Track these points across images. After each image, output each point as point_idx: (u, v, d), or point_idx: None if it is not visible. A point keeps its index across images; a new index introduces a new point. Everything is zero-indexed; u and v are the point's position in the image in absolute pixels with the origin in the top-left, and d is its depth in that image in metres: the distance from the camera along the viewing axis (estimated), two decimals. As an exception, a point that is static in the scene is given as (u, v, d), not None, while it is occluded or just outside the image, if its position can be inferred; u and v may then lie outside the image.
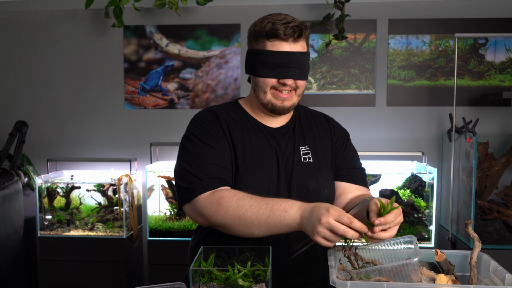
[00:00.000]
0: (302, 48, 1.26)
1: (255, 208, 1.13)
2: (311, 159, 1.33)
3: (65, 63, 2.97)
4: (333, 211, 1.00)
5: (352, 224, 0.98)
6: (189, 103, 2.91)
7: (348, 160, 1.40)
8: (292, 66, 1.24)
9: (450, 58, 2.77)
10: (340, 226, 0.98)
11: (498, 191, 2.55)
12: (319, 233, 1.01)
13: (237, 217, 1.14)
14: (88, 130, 2.98)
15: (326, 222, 0.99)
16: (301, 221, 1.07)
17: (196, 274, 0.99)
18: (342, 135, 1.44)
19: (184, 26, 2.88)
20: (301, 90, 1.31)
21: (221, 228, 1.21)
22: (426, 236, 2.52)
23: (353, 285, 0.90)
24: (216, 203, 1.17)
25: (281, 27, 1.22)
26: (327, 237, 1.00)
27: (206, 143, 1.27)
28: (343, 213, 1.00)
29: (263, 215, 1.12)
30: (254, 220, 1.12)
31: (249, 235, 1.16)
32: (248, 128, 1.33)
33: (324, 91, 2.84)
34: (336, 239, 1.01)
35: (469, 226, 1.07)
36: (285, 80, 1.25)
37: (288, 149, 1.33)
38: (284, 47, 1.23)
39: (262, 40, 1.25)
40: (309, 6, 2.81)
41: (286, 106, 1.29)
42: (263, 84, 1.27)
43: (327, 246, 1.02)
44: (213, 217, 1.18)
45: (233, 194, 1.18)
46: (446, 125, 2.76)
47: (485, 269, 1.06)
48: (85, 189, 2.75)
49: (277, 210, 1.11)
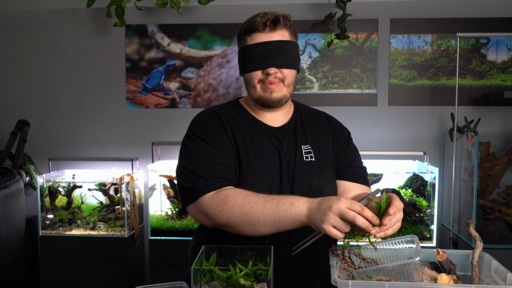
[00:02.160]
0: (281, 36, 1.27)
1: (260, 204, 1.12)
2: (313, 158, 1.33)
3: (67, 62, 2.97)
4: (344, 199, 1.01)
5: (363, 212, 0.99)
6: (191, 102, 2.91)
7: (349, 159, 1.40)
8: (273, 54, 1.25)
9: (452, 57, 2.76)
10: (350, 212, 0.99)
11: (500, 191, 2.55)
12: (329, 221, 1.00)
13: (243, 214, 1.13)
14: (89, 129, 2.99)
15: (337, 208, 0.99)
16: (308, 213, 1.06)
17: (197, 274, 0.99)
18: (344, 134, 1.44)
19: (186, 26, 2.88)
20: (290, 81, 1.30)
21: (226, 228, 1.20)
22: (427, 236, 2.52)
23: (354, 285, 0.90)
24: (221, 202, 1.16)
25: (258, 19, 1.26)
26: (336, 226, 1.00)
27: (209, 143, 1.26)
28: (354, 202, 1.00)
29: (269, 210, 1.11)
30: (260, 216, 1.12)
31: (255, 233, 1.15)
32: (250, 127, 1.33)
33: (326, 90, 2.84)
34: (346, 228, 1.01)
35: (470, 225, 1.07)
36: (268, 70, 1.25)
37: (290, 148, 1.33)
38: (262, 38, 1.26)
39: (243, 37, 1.29)
40: (311, 6, 2.81)
41: (275, 97, 1.28)
42: (250, 79, 1.29)
43: (336, 236, 1.01)
44: (218, 216, 1.17)
45: (238, 192, 1.17)
46: (447, 125, 2.76)
47: (486, 269, 1.06)
48: (86, 188, 2.75)
49: (283, 204, 1.10)
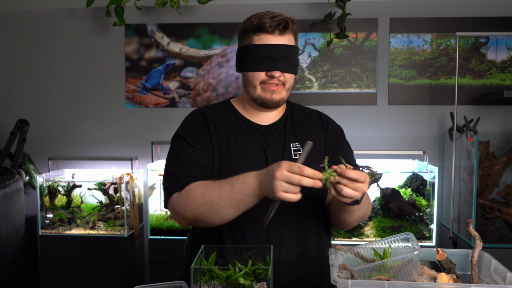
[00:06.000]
0: (289, 41, 1.28)
1: (217, 189, 1.16)
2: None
3: (66, 61, 2.97)
4: (284, 164, 1.03)
5: (303, 172, 1.01)
6: (191, 101, 2.91)
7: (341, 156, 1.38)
8: (279, 58, 1.25)
9: (452, 57, 2.76)
10: (294, 176, 1.01)
11: (499, 190, 2.55)
12: (278, 188, 1.03)
13: (204, 203, 1.17)
14: (89, 128, 2.99)
15: (280, 175, 1.02)
16: (259, 186, 1.09)
17: (197, 273, 0.99)
18: (336, 132, 1.43)
19: (185, 25, 2.87)
20: (290, 85, 1.32)
21: (196, 222, 1.23)
22: (427, 235, 2.52)
23: (354, 284, 0.90)
24: (185, 197, 1.21)
25: (267, 21, 1.25)
26: (286, 190, 1.03)
27: (189, 143, 1.30)
28: (293, 164, 1.03)
29: (225, 192, 1.14)
30: (219, 200, 1.15)
31: (221, 219, 1.18)
32: (236, 127, 1.34)
33: (326, 89, 2.84)
34: (296, 189, 1.03)
35: (470, 225, 1.07)
36: (273, 72, 1.26)
37: (278, 146, 1.33)
38: (270, 39, 1.26)
39: (250, 35, 1.28)
40: (311, 5, 2.80)
41: (275, 99, 1.29)
42: (252, 78, 1.29)
43: (292, 199, 1.04)
44: (185, 211, 1.21)
45: (198, 184, 1.21)
46: (447, 124, 2.76)
47: (486, 268, 1.06)
48: (86, 188, 2.75)
49: (236, 183, 1.13)
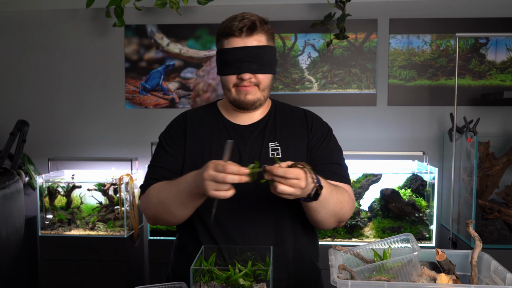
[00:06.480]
0: (258, 42, 1.27)
1: (167, 189, 1.20)
2: (279, 154, 1.31)
3: (66, 62, 2.97)
4: (210, 164, 1.06)
5: (227, 169, 1.02)
6: (190, 102, 2.91)
7: (325, 155, 1.35)
8: (248, 60, 1.25)
9: (451, 57, 2.76)
10: (219, 174, 1.03)
11: (499, 191, 2.55)
12: (208, 188, 1.05)
13: (158, 203, 1.22)
14: (89, 129, 2.99)
15: (207, 175, 1.04)
16: (196, 185, 1.11)
17: (197, 274, 0.99)
18: (321, 130, 1.39)
19: (185, 26, 2.88)
20: (265, 85, 1.30)
21: (157, 221, 1.28)
22: (427, 236, 2.52)
23: (354, 285, 0.90)
24: (145, 198, 1.27)
25: (235, 23, 1.26)
26: (216, 188, 1.04)
27: (163, 146, 1.35)
28: (218, 163, 1.04)
29: (174, 192, 1.18)
30: (169, 200, 1.19)
31: (174, 218, 1.22)
32: (213, 128, 1.36)
33: (325, 90, 2.84)
34: (225, 186, 1.04)
35: (470, 225, 1.07)
36: (242, 75, 1.26)
37: (255, 145, 1.32)
38: (238, 42, 1.26)
39: (221, 39, 1.30)
40: (310, 6, 2.81)
41: (249, 99, 1.29)
42: (226, 82, 1.30)
43: (224, 197, 1.05)
44: (146, 211, 1.27)
45: (156, 185, 1.26)
46: (447, 125, 2.76)
47: (486, 269, 1.06)
48: (86, 189, 2.75)
49: (181, 183, 1.17)
